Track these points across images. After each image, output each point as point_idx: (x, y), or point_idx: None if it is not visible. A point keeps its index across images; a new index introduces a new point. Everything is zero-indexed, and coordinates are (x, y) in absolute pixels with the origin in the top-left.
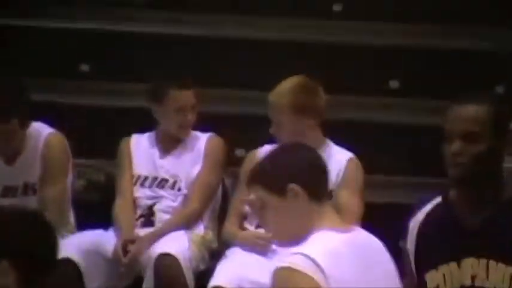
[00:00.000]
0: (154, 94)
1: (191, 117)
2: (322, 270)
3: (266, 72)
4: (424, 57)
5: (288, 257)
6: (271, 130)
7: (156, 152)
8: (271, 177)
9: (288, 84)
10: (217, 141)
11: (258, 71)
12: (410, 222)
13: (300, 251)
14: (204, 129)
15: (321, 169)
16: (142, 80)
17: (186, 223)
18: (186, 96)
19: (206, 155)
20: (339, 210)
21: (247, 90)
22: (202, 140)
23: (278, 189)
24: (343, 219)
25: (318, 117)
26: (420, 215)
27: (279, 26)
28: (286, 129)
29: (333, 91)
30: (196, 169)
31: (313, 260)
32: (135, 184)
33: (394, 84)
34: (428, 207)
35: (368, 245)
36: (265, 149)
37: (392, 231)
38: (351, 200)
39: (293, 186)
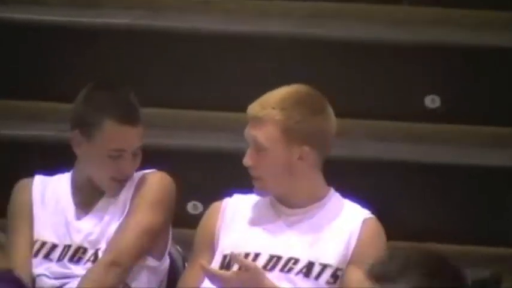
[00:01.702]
0: (80, 117)
1: (130, 166)
2: None
3: (232, 84)
4: None
5: None
6: (246, 161)
7: (70, 207)
8: None
9: (280, 94)
10: (160, 177)
11: (219, 81)
12: None
13: None
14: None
15: None
16: (54, 96)
17: (105, 282)
18: (129, 136)
19: (139, 194)
20: None
21: (201, 110)
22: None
23: None
24: None
25: (322, 148)
26: None
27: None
28: (271, 160)
29: (350, 112)
30: None
31: None
32: (35, 255)
33: (433, 102)
34: None
35: None
36: (237, 200)
37: None
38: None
39: None
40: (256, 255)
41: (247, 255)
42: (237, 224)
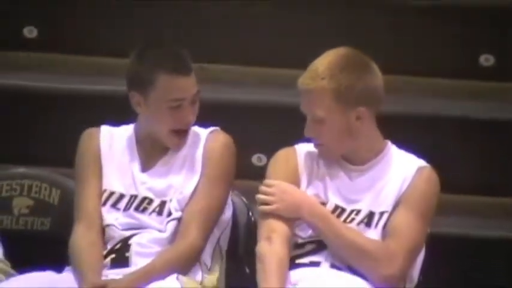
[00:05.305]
0: (135, 77)
1: (190, 114)
2: None
3: (295, 43)
4: None
5: None
6: (307, 133)
7: (135, 160)
8: None
9: (326, 61)
10: (222, 139)
11: (284, 40)
12: None
13: None
14: (204, 123)
15: None
16: (114, 52)
17: (180, 263)
18: (184, 85)
19: (206, 161)
20: (389, 234)
21: (268, 67)
22: (200, 139)
23: None
24: (390, 245)
25: (376, 104)
26: None
27: None
28: (331, 128)
29: (396, 70)
30: (193, 182)
31: None
32: (104, 204)
33: (487, 60)
34: None
35: None
36: (303, 150)
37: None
38: (408, 220)
39: None
40: (323, 204)
41: None
42: (304, 173)
